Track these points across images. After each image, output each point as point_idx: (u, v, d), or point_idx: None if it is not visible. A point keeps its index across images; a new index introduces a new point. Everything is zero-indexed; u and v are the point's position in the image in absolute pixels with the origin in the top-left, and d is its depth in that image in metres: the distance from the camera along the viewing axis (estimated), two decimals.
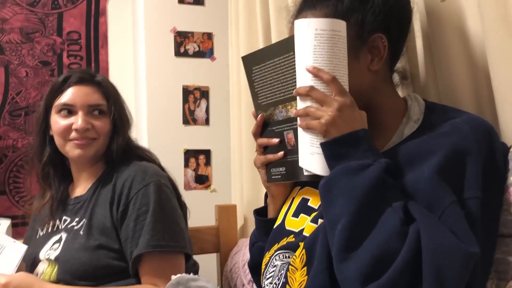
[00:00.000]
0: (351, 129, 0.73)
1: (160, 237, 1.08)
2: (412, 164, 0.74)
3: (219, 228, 1.50)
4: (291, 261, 0.80)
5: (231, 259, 1.42)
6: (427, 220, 0.67)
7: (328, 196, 0.71)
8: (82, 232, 1.12)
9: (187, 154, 1.86)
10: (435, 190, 0.70)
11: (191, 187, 1.86)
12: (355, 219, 0.67)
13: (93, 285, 1.06)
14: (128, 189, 1.12)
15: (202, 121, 1.89)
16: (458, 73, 0.94)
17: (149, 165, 1.19)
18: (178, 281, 0.90)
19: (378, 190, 0.68)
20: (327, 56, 0.76)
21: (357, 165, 0.70)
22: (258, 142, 0.89)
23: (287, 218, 0.89)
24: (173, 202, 1.15)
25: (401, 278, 0.64)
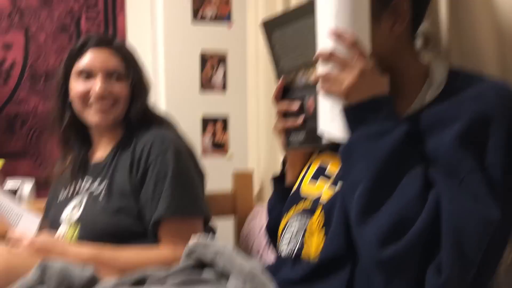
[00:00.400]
0: (373, 93, 0.72)
1: (178, 202, 1.10)
2: (434, 130, 0.74)
3: (235, 194, 1.51)
4: (308, 225, 0.81)
5: (247, 225, 1.44)
6: (447, 185, 0.66)
7: (348, 161, 0.72)
8: (102, 196, 1.14)
9: (204, 121, 1.87)
10: (456, 156, 0.69)
11: (208, 153, 1.88)
12: (375, 183, 0.67)
13: (114, 246, 1.09)
14: (147, 154, 1.13)
15: (220, 87, 1.89)
16: (484, 37, 0.91)
17: (168, 131, 1.20)
18: (196, 244, 0.91)
19: (398, 155, 0.68)
20: (350, 19, 0.74)
21: (377, 130, 0.70)
22: (278, 107, 0.89)
23: (304, 183, 0.89)
24: (191, 168, 1.17)
25: (420, 242, 0.64)
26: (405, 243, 0.64)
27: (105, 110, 1.17)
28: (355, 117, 0.73)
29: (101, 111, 1.17)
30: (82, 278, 0.85)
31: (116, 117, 1.20)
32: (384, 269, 0.66)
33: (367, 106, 0.72)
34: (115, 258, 1.06)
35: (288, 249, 0.85)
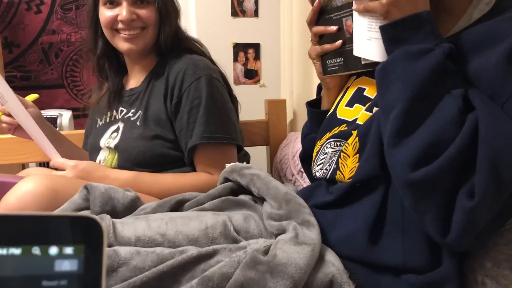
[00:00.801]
0: (414, 10, 0.68)
1: (212, 129, 1.11)
2: (479, 49, 0.70)
3: (268, 122, 1.52)
4: (343, 148, 0.81)
5: (281, 151, 1.46)
6: (487, 109, 0.63)
7: (385, 81, 0.69)
8: (139, 123, 1.16)
9: (236, 48, 1.84)
10: (502, 76, 0.65)
11: (240, 82, 1.87)
12: (412, 104, 0.65)
13: (152, 172, 1.13)
14: (180, 82, 1.13)
15: (251, 12, 1.83)
16: None
17: (200, 58, 1.19)
18: (232, 168, 0.94)
19: (438, 75, 0.65)
20: None
21: (417, 49, 0.67)
22: (314, 30, 0.85)
23: (340, 107, 0.88)
24: (225, 96, 1.17)
25: (452, 166, 0.62)
26: (437, 166, 0.62)
27: (134, 36, 1.16)
28: (394, 36, 0.69)
29: (130, 38, 1.16)
30: (125, 200, 0.88)
31: (147, 43, 1.19)
32: (414, 190, 0.64)
33: (408, 24, 0.68)
34: (153, 182, 1.10)
35: (322, 171, 0.85)
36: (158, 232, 0.76)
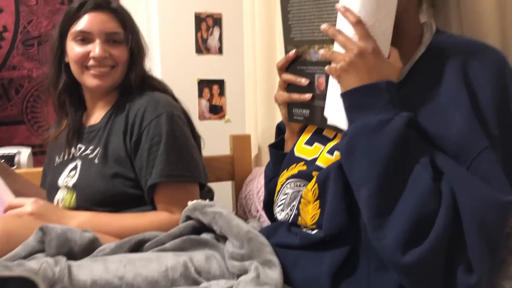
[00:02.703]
0: (373, 78, 0.69)
1: (173, 167, 1.10)
2: (432, 101, 0.72)
3: (233, 157, 1.52)
4: (303, 194, 0.81)
5: (246, 187, 1.45)
6: (458, 175, 0.64)
7: (350, 158, 0.68)
8: (97, 160, 1.14)
9: (200, 84, 1.85)
10: (469, 134, 0.67)
11: (205, 117, 1.87)
12: (383, 182, 0.64)
13: (111, 211, 1.10)
14: (140, 119, 1.12)
15: (216, 50, 1.86)
16: (485, 7, 0.89)
17: (162, 95, 1.18)
18: (194, 207, 0.92)
19: (402, 147, 0.65)
20: (376, 5, 0.70)
21: (377, 121, 0.66)
22: (284, 77, 0.85)
23: (298, 144, 0.89)
24: (186, 132, 1.16)
25: (444, 240, 0.62)
26: (429, 244, 0.61)
27: (104, 74, 1.16)
28: (351, 103, 0.69)
29: (99, 75, 1.16)
30: (83, 241, 0.85)
31: (115, 81, 1.19)
32: (411, 273, 0.63)
33: (365, 92, 0.68)
34: (112, 222, 1.07)
35: (284, 214, 0.85)
36: (116, 275, 0.74)
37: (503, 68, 0.75)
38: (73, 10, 1.17)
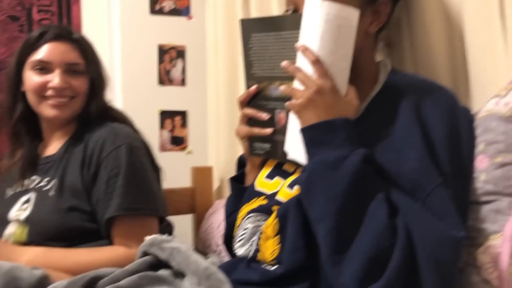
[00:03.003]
0: (330, 114, 0.70)
1: (131, 200, 1.07)
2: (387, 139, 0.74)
3: (194, 190, 1.50)
4: (262, 229, 0.80)
5: (206, 220, 1.43)
6: (413, 211, 0.66)
7: (308, 194, 0.69)
8: (52, 193, 1.10)
9: (162, 115, 1.84)
10: (422, 171, 0.69)
11: (167, 148, 1.85)
12: (340, 218, 0.65)
13: (65, 246, 1.06)
14: (99, 151, 1.10)
15: (178, 81, 1.86)
16: (435, 38, 0.94)
17: (122, 126, 1.17)
18: (151, 242, 0.90)
19: (358, 184, 0.66)
20: (334, 45, 0.72)
21: (334, 158, 0.68)
22: (245, 112, 0.86)
23: (259, 178, 0.89)
24: (146, 165, 1.14)
25: (399, 278, 0.63)
26: (386, 281, 0.62)
27: (63, 105, 1.14)
28: (311, 139, 0.71)
29: (58, 106, 1.13)
30: (32, 279, 0.81)
31: (74, 112, 1.16)
32: None
33: (323, 128, 0.70)
34: (66, 258, 1.03)
35: (243, 250, 0.84)
36: None
37: (454, 107, 0.78)
38: (33, 39, 1.15)
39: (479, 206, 0.76)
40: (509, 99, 0.76)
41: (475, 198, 0.77)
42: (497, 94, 0.79)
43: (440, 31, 0.93)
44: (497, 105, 0.77)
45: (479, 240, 0.75)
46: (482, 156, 0.76)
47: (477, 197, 0.76)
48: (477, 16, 0.84)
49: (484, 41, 0.85)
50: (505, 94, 0.77)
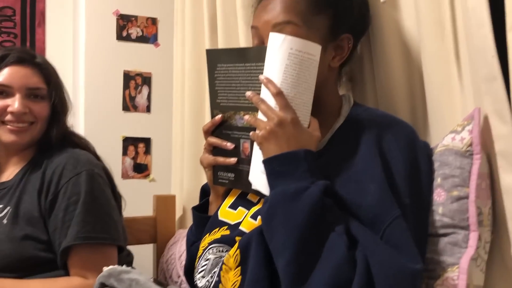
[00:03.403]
0: (292, 146, 0.72)
1: (90, 228, 1.04)
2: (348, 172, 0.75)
3: (156, 219, 1.47)
4: (224, 260, 0.79)
5: (168, 250, 1.40)
6: (372, 244, 0.67)
7: (269, 225, 0.69)
8: (6, 221, 1.06)
9: (126, 142, 1.82)
10: (382, 203, 0.71)
11: (129, 176, 1.82)
12: (299, 250, 0.65)
13: (18, 277, 1.01)
14: (58, 177, 1.07)
15: (143, 108, 1.85)
16: (395, 74, 0.97)
17: (83, 153, 1.14)
18: (109, 273, 0.87)
19: (318, 215, 0.67)
20: (297, 78, 0.74)
21: (294, 189, 0.69)
22: (210, 141, 0.86)
23: (222, 208, 0.88)
24: (106, 192, 1.11)
25: None
26: None
27: (22, 130, 1.11)
28: (271, 170, 0.72)
29: (16, 131, 1.10)
30: None
31: (33, 137, 1.14)
32: None
33: (284, 160, 0.71)
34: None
35: (204, 282, 0.82)
36: None
37: (414, 141, 0.81)
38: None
39: (437, 238, 0.78)
40: (465, 135, 0.79)
41: (434, 230, 0.79)
42: (453, 130, 0.82)
43: (400, 67, 0.97)
44: (453, 140, 0.80)
45: (437, 272, 0.76)
46: (440, 189, 0.79)
47: (435, 229, 0.78)
48: (435, 54, 0.88)
49: (441, 78, 0.88)
50: (461, 130, 0.80)
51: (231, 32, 1.42)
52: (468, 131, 0.79)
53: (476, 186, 0.77)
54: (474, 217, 0.76)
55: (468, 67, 0.85)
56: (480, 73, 0.76)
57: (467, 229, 0.76)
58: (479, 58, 0.76)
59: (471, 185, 0.77)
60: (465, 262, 0.74)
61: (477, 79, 0.79)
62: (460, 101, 0.87)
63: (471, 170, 0.77)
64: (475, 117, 0.79)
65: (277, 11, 0.82)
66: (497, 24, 0.72)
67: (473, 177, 0.77)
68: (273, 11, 0.83)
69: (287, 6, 0.82)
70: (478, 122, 0.78)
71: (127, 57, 1.82)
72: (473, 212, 0.76)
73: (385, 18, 0.97)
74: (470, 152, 0.78)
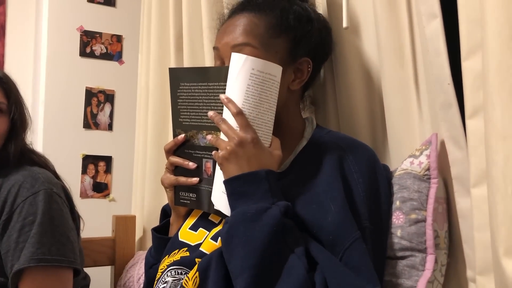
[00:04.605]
0: (252, 166, 0.72)
1: (45, 250, 0.99)
2: (309, 194, 0.76)
3: (115, 240, 1.43)
4: (183, 283, 0.78)
5: (126, 273, 1.36)
6: (331, 266, 0.67)
7: (229, 246, 0.69)
8: None
9: (85, 160, 1.77)
10: (342, 225, 0.71)
11: (88, 195, 1.77)
12: (258, 272, 0.65)
13: None
14: (14, 196, 1.02)
15: (105, 126, 1.81)
16: (356, 98, 1.00)
17: (41, 171, 1.10)
18: None
19: (277, 237, 0.67)
20: (258, 98, 0.75)
21: (255, 210, 0.68)
22: (171, 160, 0.85)
23: (183, 229, 0.87)
24: (64, 213, 1.07)
25: None
26: None
27: None
28: (232, 190, 0.72)
29: None
30: None
31: None
32: None
33: (245, 180, 0.71)
34: None
35: None
36: None
37: (375, 164, 0.82)
38: None
39: (395, 261, 0.79)
40: (423, 159, 0.81)
41: (392, 253, 0.80)
42: (412, 154, 0.84)
43: (361, 92, 0.99)
44: (412, 164, 0.82)
45: None
46: (399, 212, 0.80)
47: (394, 252, 0.80)
48: (394, 80, 0.91)
49: (400, 104, 0.91)
50: (419, 155, 0.82)
51: (197, 51, 1.43)
52: (426, 155, 0.81)
53: (433, 209, 0.79)
54: (431, 240, 0.77)
55: (426, 94, 0.88)
56: (437, 100, 0.79)
57: (424, 252, 0.78)
58: (436, 85, 0.79)
59: (428, 209, 0.79)
60: (422, 285, 0.75)
61: (434, 106, 0.82)
62: (419, 126, 0.90)
63: (429, 193, 0.79)
64: (432, 142, 0.81)
65: (236, 33, 0.84)
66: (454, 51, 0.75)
67: (430, 200, 0.79)
68: (232, 33, 0.84)
69: (245, 29, 0.83)
70: (435, 147, 0.81)
71: (90, 74, 1.79)
72: (430, 235, 0.78)
73: (347, 44, 1.00)
74: (428, 176, 0.80)
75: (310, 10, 0.90)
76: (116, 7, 1.85)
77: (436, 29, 0.77)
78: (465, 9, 0.71)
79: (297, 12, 0.86)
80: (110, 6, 1.85)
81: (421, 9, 0.80)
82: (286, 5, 0.86)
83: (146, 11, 1.69)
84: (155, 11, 1.60)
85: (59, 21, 1.76)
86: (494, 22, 0.62)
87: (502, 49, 0.61)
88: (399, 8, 0.90)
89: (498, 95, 0.61)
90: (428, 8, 0.78)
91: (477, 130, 0.69)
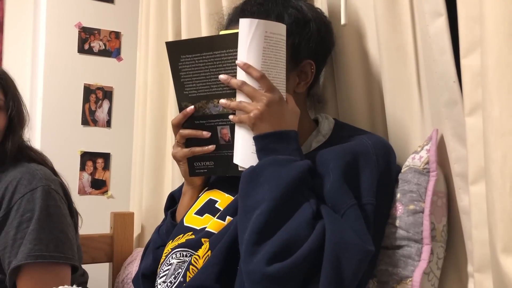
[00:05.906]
0: (282, 124, 0.76)
1: (43, 247, 0.99)
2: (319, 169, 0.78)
3: (113, 237, 1.43)
4: (193, 261, 0.78)
5: (124, 270, 1.36)
6: (332, 218, 0.71)
7: (253, 183, 0.73)
8: None
9: (84, 157, 1.77)
10: (338, 192, 0.74)
11: (86, 192, 1.77)
12: (276, 204, 0.69)
13: None
14: (11, 193, 1.02)
15: (103, 122, 1.81)
16: (357, 96, 1.00)
17: (39, 167, 1.10)
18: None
19: (300, 184, 0.72)
20: (274, 59, 0.78)
21: (285, 158, 0.74)
22: (183, 133, 0.85)
23: (188, 214, 0.87)
24: (62, 210, 1.07)
25: (304, 263, 0.67)
26: (291, 262, 0.66)
27: None
28: (265, 146, 0.75)
29: None
30: None
31: None
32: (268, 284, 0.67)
33: (278, 137, 0.75)
34: None
35: (166, 284, 0.80)
36: None
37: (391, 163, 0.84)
38: None
39: (391, 251, 0.80)
40: (423, 154, 0.82)
41: (389, 242, 0.81)
42: (415, 150, 0.85)
43: (361, 90, 0.99)
44: (413, 159, 0.83)
45: (390, 285, 0.79)
46: (398, 204, 0.82)
47: (391, 241, 0.81)
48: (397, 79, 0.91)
49: (402, 102, 0.91)
50: (420, 150, 0.83)
51: None
52: (426, 150, 0.82)
53: (432, 202, 0.80)
54: (427, 231, 0.79)
55: (427, 92, 0.88)
56: (441, 98, 0.79)
57: (421, 242, 0.79)
58: (440, 83, 0.79)
59: (426, 200, 0.80)
60: (418, 275, 0.77)
61: (437, 104, 0.82)
62: (420, 124, 0.90)
63: (427, 186, 0.81)
64: (433, 137, 0.82)
65: None
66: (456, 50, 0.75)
67: (429, 192, 0.80)
68: None
69: None
70: (435, 142, 0.81)
71: (88, 71, 1.79)
72: (427, 225, 0.79)
73: (346, 40, 1.00)
74: (427, 169, 0.81)
75: (306, 9, 0.89)
76: (114, 4, 1.85)
77: (441, 28, 0.77)
78: (464, 7, 0.71)
79: (293, 16, 0.86)
80: (108, 3, 1.84)
81: (425, 7, 0.80)
82: (281, 10, 0.86)
83: (144, 7, 1.68)
84: (153, 8, 1.59)
85: (57, 18, 1.76)
86: (493, 19, 0.62)
87: (501, 46, 0.61)
88: (401, 7, 0.90)
89: (496, 92, 0.61)
90: (432, 6, 0.78)
91: (476, 127, 0.70)
